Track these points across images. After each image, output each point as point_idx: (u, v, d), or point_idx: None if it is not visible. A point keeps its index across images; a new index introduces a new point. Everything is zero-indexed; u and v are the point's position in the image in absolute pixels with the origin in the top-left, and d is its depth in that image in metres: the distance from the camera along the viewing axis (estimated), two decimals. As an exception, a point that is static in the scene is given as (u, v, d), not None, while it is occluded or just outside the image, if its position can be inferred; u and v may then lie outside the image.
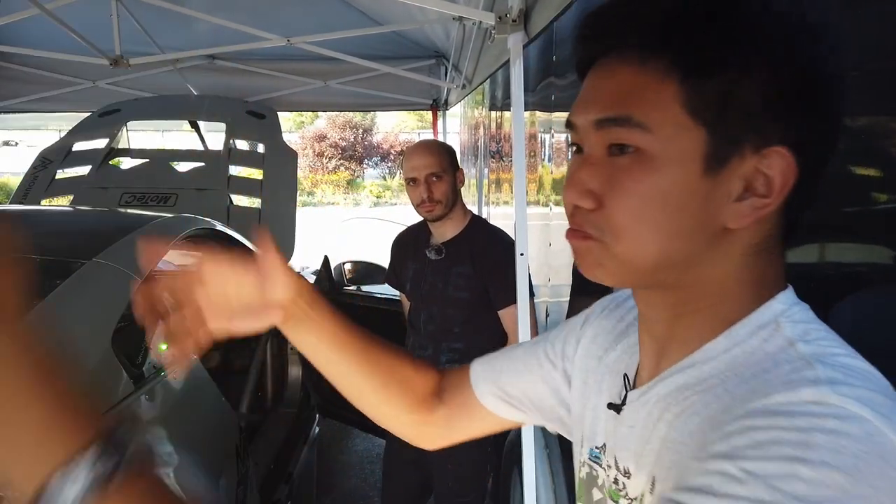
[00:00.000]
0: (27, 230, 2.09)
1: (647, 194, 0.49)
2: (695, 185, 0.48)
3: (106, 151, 4.02)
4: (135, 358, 1.67)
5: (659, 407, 0.53)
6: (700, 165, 0.48)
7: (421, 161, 1.98)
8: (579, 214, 0.52)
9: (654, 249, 0.50)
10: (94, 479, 0.39)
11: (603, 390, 0.64)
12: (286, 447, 2.82)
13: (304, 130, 22.31)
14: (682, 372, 0.53)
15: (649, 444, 0.53)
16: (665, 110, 0.48)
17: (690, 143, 0.48)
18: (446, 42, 3.89)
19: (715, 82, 0.47)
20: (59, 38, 3.49)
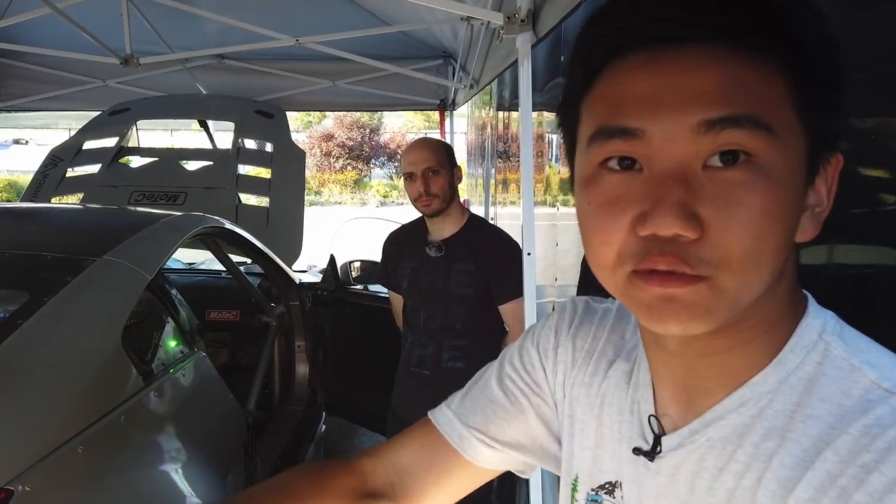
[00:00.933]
0: (38, 228, 2.11)
1: (769, 212, 0.41)
2: (801, 199, 0.43)
3: (116, 150, 4.05)
4: (144, 354, 1.69)
5: (716, 453, 0.48)
6: (804, 175, 0.43)
7: (418, 156, 2.00)
8: (673, 246, 0.41)
9: (767, 278, 0.43)
10: None
11: (608, 426, 0.58)
12: (293, 444, 2.83)
13: (311, 130, 22.36)
14: (736, 411, 0.47)
15: (706, 496, 0.48)
16: (780, 110, 0.41)
17: (799, 149, 0.42)
18: (454, 42, 3.90)
19: (818, 83, 0.42)
20: (70, 38, 3.52)
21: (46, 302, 1.46)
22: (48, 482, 1.21)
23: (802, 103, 0.42)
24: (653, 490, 0.53)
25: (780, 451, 0.45)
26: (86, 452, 1.31)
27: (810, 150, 0.43)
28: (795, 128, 0.42)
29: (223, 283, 3.40)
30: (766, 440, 0.46)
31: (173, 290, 2.08)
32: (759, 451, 0.46)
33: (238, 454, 1.98)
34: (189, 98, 4.61)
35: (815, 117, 0.42)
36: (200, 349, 1.99)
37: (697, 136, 0.41)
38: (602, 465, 0.58)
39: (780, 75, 0.41)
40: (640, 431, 0.55)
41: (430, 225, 2.08)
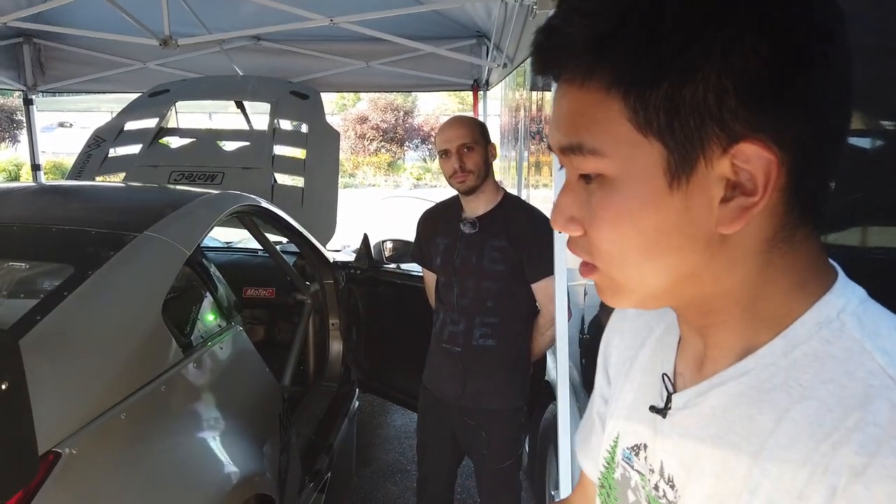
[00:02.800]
0: (82, 204, 2.18)
1: (618, 220, 0.47)
2: (666, 201, 0.46)
3: (156, 131, 4.13)
4: (183, 327, 1.74)
5: (717, 421, 0.50)
6: (664, 180, 0.45)
7: (452, 133, 2.01)
8: (572, 241, 0.51)
9: (651, 273, 0.48)
10: None
11: (637, 389, 0.62)
12: (327, 419, 2.89)
13: (346, 113, 22.45)
14: (737, 380, 0.49)
15: (708, 461, 0.50)
16: (614, 131, 0.45)
17: (648, 158, 0.45)
18: (488, 21, 3.87)
19: (656, 92, 0.43)
20: (110, 20, 3.60)
21: (90, 275, 1.51)
22: (93, 446, 1.26)
23: (640, 119, 0.45)
24: (665, 449, 0.55)
25: (777, 431, 0.45)
26: (128, 419, 1.36)
27: (667, 156, 0.45)
28: (637, 140, 0.45)
29: (260, 261, 3.46)
30: (763, 414, 0.47)
31: (211, 266, 2.13)
32: (755, 426, 0.47)
33: (274, 426, 2.03)
34: (226, 79, 4.67)
35: (662, 126, 0.44)
36: (237, 324, 2.04)
37: (562, 157, 0.50)
38: (634, 426, 0.60)
39: (612, 98, 0.45)
40: (660, 391, 0.57)
41: (465, 202, 2.09)
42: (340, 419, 2.99)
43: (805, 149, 0.44)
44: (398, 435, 3.77)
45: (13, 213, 1.86)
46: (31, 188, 2.62)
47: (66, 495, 1.18)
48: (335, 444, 2.80)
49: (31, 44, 4.88)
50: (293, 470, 2.16)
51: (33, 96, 5.10)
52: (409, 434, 3.69)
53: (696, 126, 0.44)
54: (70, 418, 1.25)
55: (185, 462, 1.50)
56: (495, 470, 2.14)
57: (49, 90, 5.23)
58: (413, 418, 3.61)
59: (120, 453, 1.33)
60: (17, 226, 1.78)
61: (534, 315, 2.10)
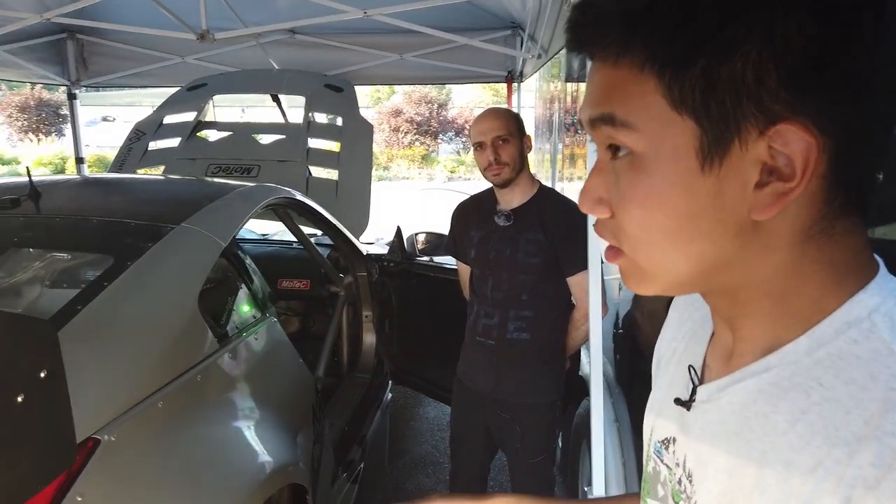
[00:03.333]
0: (122, 197, 2.22)
1: (645, 201, 0.46)
2: (697, 183, 0.44)
3: (194, 124, 4.20)
4: (219, 318, 1.76)
5: (734, 417, 0.49)
6: (696, 161, 0.44)
7: (487, 125, 1.99)
8: (600, 224, 0.50)
9: (678, 258, 0.46)
10: None
11: (669, 381, 0.61)
12: (360, 411, 2.91)
13: (380, 106, 22.54)
14: (758, 377, 0.47)
15: (723, 458, 0.49)
16: (648, 106, 0.44)
17: (681, 137, 0.44)
18: (522, 12, 3.83)
19: (692, 69, 0.42)
20: (150, 15, 3.66)
21: (129, 266, 1.54)
22: (131, 433, 1.28)
23: (675, 96, 0.43)
24: (690, 443, 0.54)
25: (790, 432, 0.43)
26: (165, 407, 1.39)
27: (701, 136, 0.43)
28: (670, 118, 0.44)
29: (294, 253, 3.49)
30: (778, 413, 0.45)
31: (246, 257, 2.16)
32: (770, 424, 0.45)
33: (307, 417, 2.04)
34: (262, 73, 4.72)
35: (696, 104, 0.43)
36: (272, 315, 2.06)
37: (593, 131, 0.48)
38: (664, 419, 0.59)
39: (646, 74, 0.44)
40: (687, 384, 0.56)
41: (500, 195, 2.07)
42: (373, 411, 3.01)
43: (850, 134, 0.42)
44: (431, 427, 3.78)
45: (56, 204, 1.90)
46: (74, 180, 2.69)
47: (105, 480, 1.20)
48: (368, 435, 2.82)
49: (75, 39, 5.00)
50: (326, 460, 2.18)
51: (76, 91, 5.23)
52: (442, 427, 3.70)
53: (733, 105, 0.42)
54: (109, 406, 1.27)
55: (219, 450, 1.53)
56: (528, 464, 2.12)
57: (91, 85, 5.36)
58: (446, 411, 3.62)
59: (157, 441, 1.36)
60: (59, 217, 1.82)
61: (569, 309, 2.07)
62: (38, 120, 21.76)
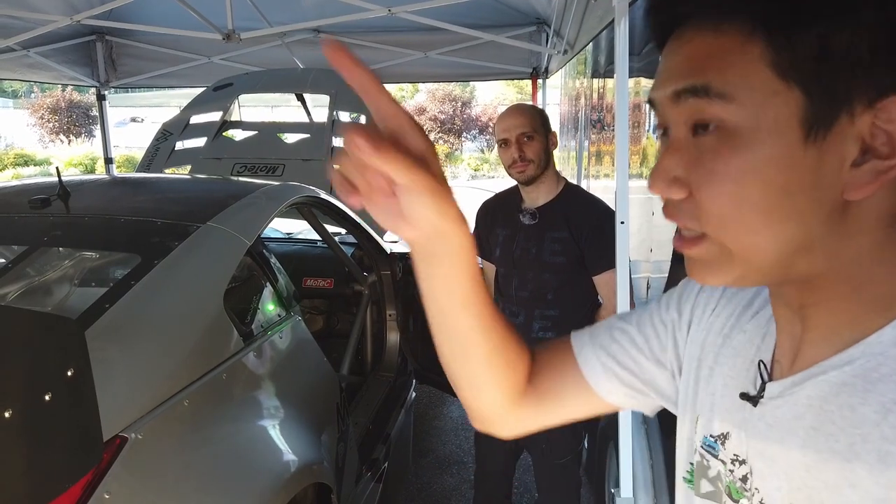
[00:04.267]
0: (149, 196, 2.24)
1: (741, 176, 0.43)
2: (798, 157, 0.42)
3: (220, 124, 4.23)
4: (244, 316, 1.77)
5: (813, 412, 0.46)
6: (800, 132, 0.42)
7: (512, 121, 1.97)
8: (671, 206, 0.48)
9: (769, 239, 0.44)
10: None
11: (727, 374, 0.58)
12: (384, 410, 2.90)
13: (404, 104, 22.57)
14: (839, 369, 0.45)
15: (799, 453, 0.47)
16: (750, 75, 0.42)
17: (785, 108, 0.42)
18: (547, 7, 3.80)
19: (807, 35, 0.40)
20: (177, 16, 3.69)
21: (156, 265, 1.55)
22: (157, 431, 1.29)
23: (784, 63, 0.41)
24: (754, 439, 0.52)
25: (883, 424, 0.41)
26: (191, 406, 1.39)
27: (808, 106, 0.41)
28: (775, 87, 0.42)
29: (319, 252, 3.50)
30: (866, 405, 0.43)
31: (271, 256, 2.16)
32: (857, 417, 0.43)
33: (331, 415, 2.04)
34: (287, 72, 4.75)
35: (807, 72, 0.41)
36: (296, 313, 2.06)
37: (674, 106, 0.46)
38: (720, 413, 0.57)
39: (753, 40, 0.42)
40: (753, 379, 0.54)
41: (525, 192, 2.05)
42: (398, 409, 3.00)
43: None
44: (455, 427, 3.76)
45: (85, 204, 1.92)
46: (102, 180, 2.72)
47: (132, 477, 1.21)
48: (392, 434, 2.81)
49: (104, 41, 5.08)
50: (350, 459, 2.17)
51: (105, 92, 5.31)
52: (466, 426, 3.68)
53: (846, 75, 0.40)
54: (136, 404, 1.28)
55: (245, 449, 1.53)
56: (554, 465, 2.10)
57: (120, 86, 5.44)
58: (470, 410, 3.60)
59: (183, 439, 1.36)
60: (88, 216, 1.84)
61: (595, 308, 2.04)
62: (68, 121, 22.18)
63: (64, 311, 1.71)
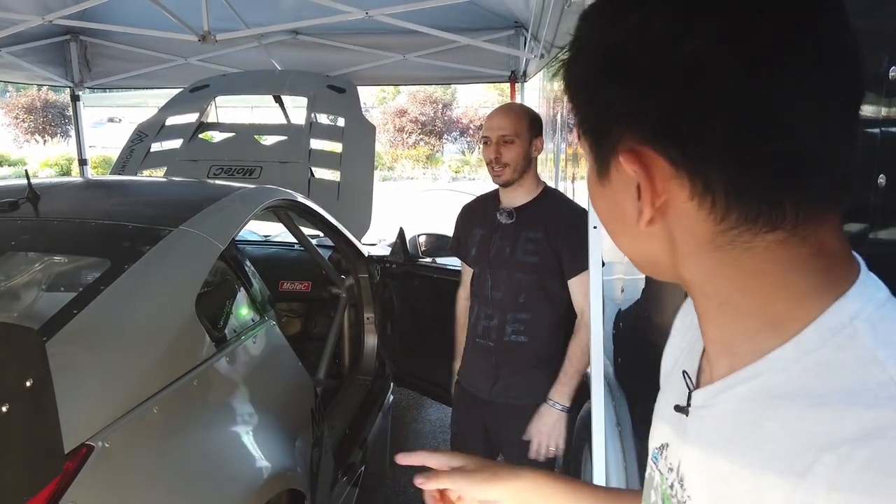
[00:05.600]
0: (121, 199, 2.22)
1: (589, 195, 0.55)
2: (601, 192, 0.52)
3: (196, 125, 4.19)
4: (217, 321, 1.75)
5: (728, 424, 0.48)
6: (595, 172, 0.51)
7: (496, 122, 1.98)
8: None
9: (622, 246, 0.54)
10: None
11: (667, 388, 0.61)
12: (361, 413, 2.89)
13: (385, 106, 22.54)
14: (746, 384, 0.47)
15: (718, 464, 0.48)
16: (577, 126, 0.52)
17: (588, 149, 0.51)
18: (525, 11, 3.82)
19: (585, 104, 0.49)
20: (152, 16, 3.66)
21: (126, 269, 1.53)
22: (125, 439, 1.27)
23: (581, 120, 0.52)
24: (683, 447, 0.54)
25: (784, 438, 0.43)
26: (161, 413, 1.37)
27: (592, 150, 0.51)
28: (579, 131, 0.52)
29: (295, 255, 3.48)
30: (770, 420, 0.45)
31: (245, 260, 2.15)
32: (764, 431, 0.45)
33: (306, 420, 2.03)
34: (264, 74, 4.72)
35: (584, 127, 0.51)
36: (271, 318, 2.05)
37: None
38: (662, 425, 0.60)
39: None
40: (684, 389, 0.56)
41: (502, 193, 2.06)
42: (375, 413, 3.00)
43: (717, 147, 0.45)
44: (433, 429, 3.76)
45: (54, 207, 1.90)
46: (73, 183, 2.68)
47: (99, 487, 1.19)
48: (369, 437, 2.81)
49: (78, 41, 5.01)
50: (325, 464, 2.16)
51: (80, 92, 5.24)
52: (445, 428, 3.68)
53: (597, 134, 0.50)
54: (104, 411, 1.26)
55: (216, 457, 1.51)
56: (530, 464, 2.11)
57: (95, 86, 5.37)
58: (448, 412, 3.59)
59: (152, 447, 1.35)
60: (57, 220, 1.81)
61: (568, 313, 2.05)
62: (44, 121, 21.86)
63: (31, 317, 1.69)
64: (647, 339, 2.00)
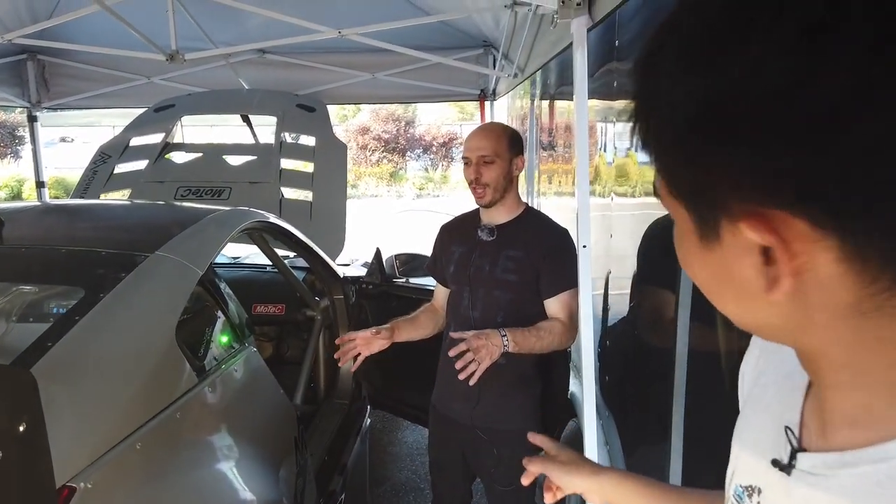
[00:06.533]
0: (91, 224, 2.13)
1: (682, 262, 0.48)
2: (706, 257, 0.44)
3: (162, 146, 4.10)
4: (197, 350, 1.69)
5: (846, 502, 0.44)
6: (696, 237, 0.44)
7: (476, 143, 1.96)
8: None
9: (734, 315, 0.47)
10: None
11: (760, 428, 0.56)
12: (339, 438, 2.83)
13: (347, 124, 22.48)
14: (873, 465, 0.42)
15: None
16: (662, 184, 0.46)
17: (681, 212, 0.45)
18: (495, 31, 3.84)
19: (677, 165, 0.42)
20: (116, 35, 3.57)
21: (102, 299, 1.47)
22: (109, 479, 1.20)
23: (669, 182, 0.45)
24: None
25: None
26: (144, 449, 1.31)
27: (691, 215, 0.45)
28: (671, 194, 0.46)
29: (268, 277, 3.41)
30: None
31: (223, 284, 2.09)
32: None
33: (289, 449, 1.97)
34: (232, 93, 4.64)
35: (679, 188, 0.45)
36: (250, 344, 1.99)
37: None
38: (750, 464, 0.56)
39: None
40: (783, 442, 0.52)
41: (483, 213, 2.05)
42: (353, 437, 2.93)
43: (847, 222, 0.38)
44: (410, 452, 3.70)
45: (21, 233, 1.81)
46: (38, 207, 2.58)
47: (81, 531, 1.12)
48: (349, 463, 2.74)
49: (36, 60, 4.86)
50: (309, 493, 2.10)
51: (37, 113, 5.07)
52: (422, 451, 3.62)
53: (703, 202, 0.43)
54: (85, 450, 1.20)
55: (201, 493, 1.45)
56: (503, 492, 2.07)
57: (53, 106, 5.21)
58: (425, 434, 3.53)
59: (135, 486, 1.28)
60: (25, 247, 1.73)
61: None
62: (-7, 142, 21.16)
63: (2, 351, 1.60)
64: (635, 357, 2.00)
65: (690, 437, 1.49)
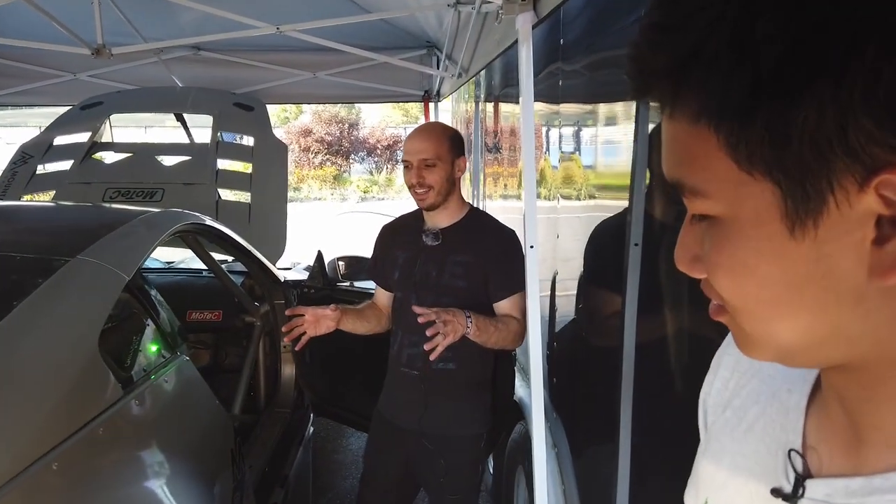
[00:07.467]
0: (6, 227, 1.98)
1: (735, 269, 0.39)
2: (790, 249, 0.36)
3: (89, 145, 3.90)
4: (123, 360, 1.58)
5: None
6: (783, 224, 0.36)
7: (415, 146, 1.91)
8: (704, 282, 0.43)
9: (784, 330, 0.39)
10: None
11: (748, 456, 0.51)
12: (280, 449, 2.73)
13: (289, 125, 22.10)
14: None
15: None
16: (714, 167, 0.37)
17: (760, 199, 0.36)
18: (438, 31, 3.81)
19: (753, 121, 0.34)
20: (37, 28, 3.37)
21: (15, 307, 1.35)
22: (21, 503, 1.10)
23: (741, 154, 0.35)
24: None
25: None
26: (61, 469, 1.20)
27: (784, 197, 0.35)
28: (742, 179, 0.36)
29: (205, 282, 3.28)
30: None
31: (153, 290, 1.97)
32: None
33: (225, 463, 1.87)
34: (164, 91, 4.46)
35: (770, 162, 0.35)
36: (183, 353, 1.88)
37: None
38: (743, 494, 0.50)
39: (703, 129, 0.37)
40: (783, 469, 0.46)
41: (426, 216, 1.99)
42: (295, 447, 2.83)
43: None
44: (355, 459, 3.62)
45: None
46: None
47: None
48: (291, 474, 2.64)
49: (-50, 54, 4.56)
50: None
51: (-48, 110, 4.76)
52: (367, 458, 3.55)
53: (815, 158, 0.33)
54: (-9, 473, 1.09)
55: (128, 514, 1.35)
56: (452, 500, 2.03)
57: (-30, 103, 4.89)
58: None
59: (51, 510, 1.18)
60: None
61: None
62: None
63: None
64: (583, 358, 1.99)
65: (638, 438, 1.48)
